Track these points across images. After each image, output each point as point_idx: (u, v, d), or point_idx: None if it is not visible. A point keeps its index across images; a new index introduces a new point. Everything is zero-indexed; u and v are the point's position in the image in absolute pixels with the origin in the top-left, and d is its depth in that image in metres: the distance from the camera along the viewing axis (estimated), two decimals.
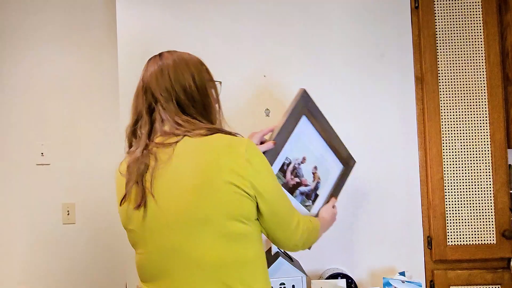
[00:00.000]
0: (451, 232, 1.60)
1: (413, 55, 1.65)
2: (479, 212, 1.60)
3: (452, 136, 1.62)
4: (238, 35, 1.65)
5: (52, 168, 2.08)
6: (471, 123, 1.61)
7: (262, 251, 0.99)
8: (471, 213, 1.60)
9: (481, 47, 1.62)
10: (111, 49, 2.08)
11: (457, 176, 1.61)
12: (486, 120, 1.61)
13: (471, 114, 1.62)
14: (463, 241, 1.60)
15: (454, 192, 1.61)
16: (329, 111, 1.63)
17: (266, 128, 1.23)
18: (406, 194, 1.63)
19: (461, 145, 1.61)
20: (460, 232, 1.60)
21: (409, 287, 1.43)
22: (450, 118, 1.62)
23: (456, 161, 1.61)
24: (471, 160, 1.61)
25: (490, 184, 1.60)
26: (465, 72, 1.62)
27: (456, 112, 1.62)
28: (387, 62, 1.65)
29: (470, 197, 1.60)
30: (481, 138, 1.61)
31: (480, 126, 1.61)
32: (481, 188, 1.60)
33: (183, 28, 1.64)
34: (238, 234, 0.92)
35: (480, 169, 1.61)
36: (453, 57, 1.63)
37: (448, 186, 1.61)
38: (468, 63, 1.62)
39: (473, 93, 1.62)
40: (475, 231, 1.60)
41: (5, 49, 2.09)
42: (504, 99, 1.62)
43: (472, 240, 1.60)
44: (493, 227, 1.59)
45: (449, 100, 1.62)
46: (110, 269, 2.05)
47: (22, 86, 2.09)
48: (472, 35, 1.63)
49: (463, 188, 1.61)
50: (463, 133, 1.61)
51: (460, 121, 1.62)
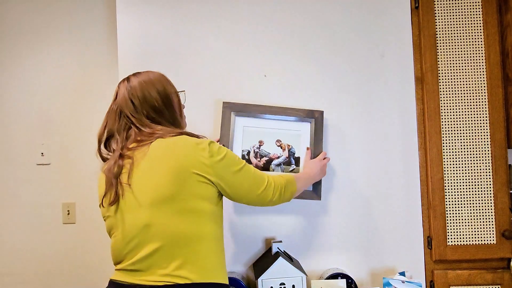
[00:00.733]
0: (451, 232, 1.60)
1: (413, 55, 1.65)
2: (479, 212, 1.60)
3: (452, 136, 1.62)
4: (238, 35, 1.65)
5: (52, 168, 2.08)
6: (471, 123, 1.61)
7: (220, 232, 1.14)
8: (471, 213, 1.60)
9: (481, 47, 1.62)
10: (111, 50, 2.08)
11: (457, 176, 1.61)
12: (486, 120, 1.61)
13: (471, 114, 1.62)
14: (463, 241, 1.60)
15: (454, 192, 1.61)
16: (329, 111, 1.64)
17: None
18: (406, 194, 1.63)
19: (461, 145, 1.61)
20: (460, 232, 1.60)
21: (409, 287, 1.43)
22: (450, 118, 1.62)
23: (456, 161, 1.61)
24: (471, 160, 1.61)
25: (490, 184, 1.60)
26: (465, 72, 1.62)
27: (456, 112, 1.62)
28: (387, 62, 1.65)
29: (470, 197, 1.60)
30: (481, 138, 1.61)
31: (480, 126, 1.61)
32: (481, 188, 1.60)
33: (183, 29, 1.65)
34: (199, 211, 1.07)
35: (480, 169, 1.61)
36: (453, 57, 1.63)
37: (448, 186, 1.61)
38: (468, 63, 1.62)
39: (473, 93, 1.62)
40: (475, 231, 1.60)
41: (6, 50, 2.09)
42: (504, 99, 1.62)
43: (472, 240, 1.60)
44: (493, 227, 1.59)
45: (449, 100, 1.62)
46: (110, 269, 2.04)
47: (22, 86, 2.09)
48: (472, 35, 1.63)
49: (463, 188, 1.61)
50: (463, 133, 1.61)
51: (460, 121, 1.62)
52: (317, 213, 1.63)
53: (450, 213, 1.60)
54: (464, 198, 1.60)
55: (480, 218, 1.60)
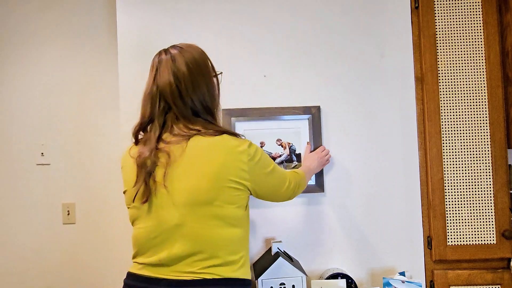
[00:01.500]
0: (451, 232, 1.60)
1: (413, 55, 1.65)
2: (479, 212, 1.60)
3: (452, 136, 1.62)
4: (238, 36, 1.65)
5: (52, 168, 2.08)
6: (471, 123, 1.61)
7: (247, 233, 1.14)
8: (471, 213, 1.60)
9: (481, 47, 1.62)
10: (111, 50, 2.08)
11: (457, 176, 1.61)
12: (486, 120, 1.61)
13: (471, 114, 1.62)
14: (463, 241, 1.60)
15: (454, 192, 1.61)
16: (329, 111, 1.64)
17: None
18: (406, 194, 1.63)
19: (461, 145, 1.61)
20: (460, 232, 1.60)
21: (409, 287, 1.43)
22: (450, 118, 1.62)
23: (456, 161, 1.61)
24: (471, 160, 1.61)
25: (490, 184, 1.60)
26: (465, 72, 1.62)
27: (456, 112, 1.62)
28: (387, 62, 1.65)
29: (470, 197, 1.60)
30: (481, 138, 1.61)
31: (480, 126, 1.61)
32: (481, 188, 1.60)
33: (183, 29, 1.64)
34: (231, 217, 1.06)
35: (480, 169, 1.61)
36: (453, 57, 1.63)
37: (448, 186, 1.61)
38: (468, 63, 1.62)
39: (473, 93, 1.62)
40: (475, 231, 1.60)
41: (6, 50, 2.09)
42: (504, 99, 1.62)
43: (472, 240, 1.60)
44: (493, 227, 1.59)
45: (449, 100, 1.62)
46: (110, 269, 2.05)
47: (23, 87, 2.09)
48: (472, 35, 1.63)
49: (463, 188, 1.61)
50: (463, 133, 1.61)
51: (460, 121, 1.62)
52: (317, 213, 1.63)
53: (450, 213, 1.60)
54: (464, 198, 1.60)
55: (480, 218, 1.60)
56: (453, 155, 1.61)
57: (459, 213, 1.60)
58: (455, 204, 1.60)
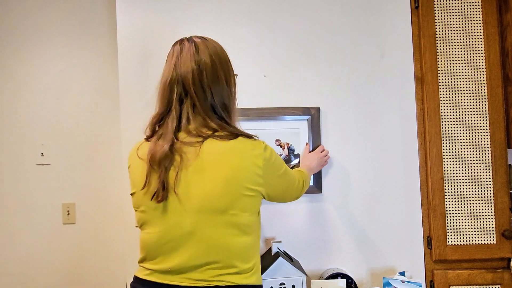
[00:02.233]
0: (451, 232, 1.60)
1: (413, 55, 1.65)
2: (479, 212, 1.60)
3: (452, 136, 1.62)
4: (238, 35, 1.65)
5: (52, 168, 2.08)
6: (471, 123, 1.61)
7: (259, 238, 1.11)
8: (471, 213, 1.60)
9: (481, 47, 1.62)
10: (111, 49, 2.08)
11: (457, 176, 1.61)
12: (486, 120, 1.61)
13: (471, 114, 1.62)
14: (463, 241, 1.60)
15: (454, 192, 1.61)
16: (329, 111, 1.64)
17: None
18: (406, 194, 1.63)
19: (461, 145, 1.61)
20: (460, 232, 1.60)
21: (409, 287, 1.43)
22: (450, 118, 1.62)
23: (456, 161, 1.61)
24: (471, 160, 1.61)
25: (490, 184, 1.60)
26: (465, 72, 1.62)
27: (456, 112, 1.62)
28: (387, 62, 1.65)
29: (470, 197, 1.60)
30: (481, 138, 1.61)
31: (480, 126, 1.61)
32: (481, 188, 1.60)
33: (183, 29, 1.64)
34: (245, 225, 1.03)
35: (480, 169, 1.61)
36: (453, 57, 1.63)
37: (448, 186, 1.61)
38: (468, 63, 1.63)
39: (473, 93, 1.62)
40: (475, 231, 1.60)
41: (6, 50, 2.09)
42: (504, 99, 1.62)
43: (472, 240, 1.60)
44: (493, 227, 1.59)
45: (449, 100, 1.62)
46: (110, 269, 2.05)
47: (23, 86, 2.09)
48: (472, 35, 1.63)
49: (463, 188, 1.61)
50: (463, 133, 1.61)
51: (460, 121, 1.62)
52: (317, 213, 1.63)
53: (450, 213, 1.60)
54: (464, 198, 1.60)
55: (480, 218, 1.60)
56: (453, 155, 1.61)
57: (459, 213, 1.60)
58: (455, 204, 1.60)
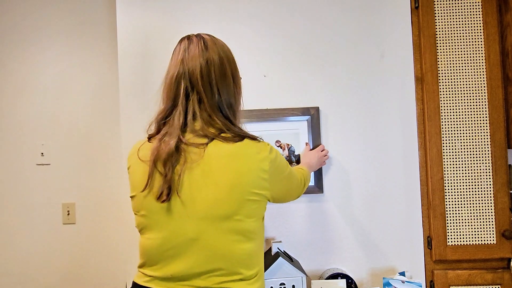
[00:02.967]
0: (451, 232, 1.60)
1: (413, 55, 1.65)
2: (479, 212, 1.60)
3: (452, 136, 1.62)
4: (238, 35, 1.65)
5: (52, 168, 2.08)
6: (471, 123, 1.61)
7: (262, 243, 1.08)
8: (471, 213, 1.60)
9: (481, 47, 1.62)
10: (111, 49, 2.08)
11: (457, 176, 1.61)
12: (486, 120, 1.61)
13: (471, 114, 1.62)
14: (463, 241, 1.60)
15: (454, 192, 1.61)
16: (329, 111, 1.64)
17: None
18: (406, 194, 1.63)
19: (461, 145, 1.61)
20: (460, 232, 1.60)
21: (409, 287, 1.43)
22: (450, 118, 1.62)
23: (456, 161, 1.61)
24: (471, 160, 1.61)
25: (490, 184, 1.60)
26: (465, 72, 1.62)
27: (456, 112, 1.62)
28: (387, 62, 1.65)
29: (470, 197, 1.60)
30: (481, 138, 1.61)
31: (480, 126, 1.61)
32: (481, 188, 1.60)
33: (183, 29, 1.64)
34: (250, 231, 1.00)
35: (480, 169, 1.61)
36: (453, 57, 1.63)
37: (448, 186, 1.61)
38: (468, 63, 1.63)
39: (473, 93, 1.62)
40: (475, 231, 1.60)
41: (5, 49, 2.09)
42: (504, 99, 1.62)
43: (472, 240, 1.60)
44: (493, 227, 1.59)
45: (449, 100, 1.62)
46: (110, 269, 2.05)
47: (23, 86, 2.09)
48: (472, 35, 1.63)
49: (463, 188, 1.61)
50: (463, 133, 1.61)
51: (460, 121, 1.62)
52: (317, 213, 1.63)
53: (450, 213, 1.60)
54: (464, 198, 1.60)
55: (480, 218, 1.60)
56: (453, 155, 1.61)
57: (459, 213, 1.60)
58: (455, 204, 1.60)
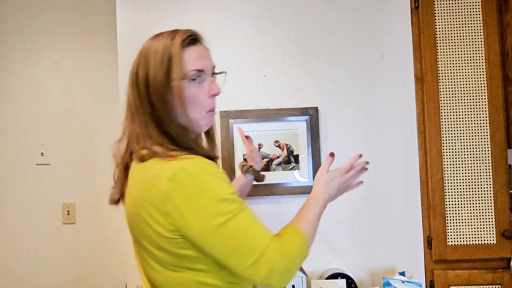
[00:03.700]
0: (451, 232, 1.60)
1: (413, 55, 1.65)
2: (479, 212, 1.60)
3: (452, 136, 1.62)
4: (238, 36, 1.65)
5: (52, 168, 2.08)
6: (471, 123, 1.61)
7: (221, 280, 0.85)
8: (471, 213, 1.60)
9: (481, 47, 1.62)
10: (111, 50, 2.08)
11: (457, 176, 1.61)
12: (486, 120, 1.61)
13: (471, 114, 1.62)
14: (463, 241, 1.60)
15: (454, 192, 1.61)
16: (329, 111, 1.64)
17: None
18: (406, 194, 1.63)
19: (461, 145, 1.61)
20: (460, 232, 1.60)
21: (409, 287, 1.43)
22: (450, 118, 1.62)
23: (456, 161, 1.61)
24: (471, 160, 1.61)
25: (490, 184, 1.60)
26: (465, 72, 1.62)
27: (456, 112, 1.62)
28: (387, 62, 1.65)
29: (470, 197, 1.60)
30: (481, 138, 1.61)
31: (480, 126, 1.61)
32: (481, 188, 1.60)
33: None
34: (170, 264, 0.84)
35: (480, 169, 1.60)
36: (453, 57, 1.63)
37: (448, 186, 1.61)
38: (468, 63, 1.62)
39: (473, 93, 1.62)
40: (475, 231, 1.60)
41: (6, 49, 2.09)
42: (504, 99, 1.62)
43: (472, 240, 1.60)
44: (493, 227, 1.59)
45: (449, 100, 1.62)
46: (110, 269, 2.05)
47: (23, 86, 2.09)
48: (472, 35, 1.63)
49: (463, 188, 1.61)
50: (463, 133, 1.61)
51: (460, 121, 1.62)
52: None
53: (450, 213, 1.60)
54: (464, 198, 1.60)
55: (480, 218, 1.60)
56: (453, 155, 1.61)
57: (459, 213, 1.60)
58: (455, 204, 1.60)
